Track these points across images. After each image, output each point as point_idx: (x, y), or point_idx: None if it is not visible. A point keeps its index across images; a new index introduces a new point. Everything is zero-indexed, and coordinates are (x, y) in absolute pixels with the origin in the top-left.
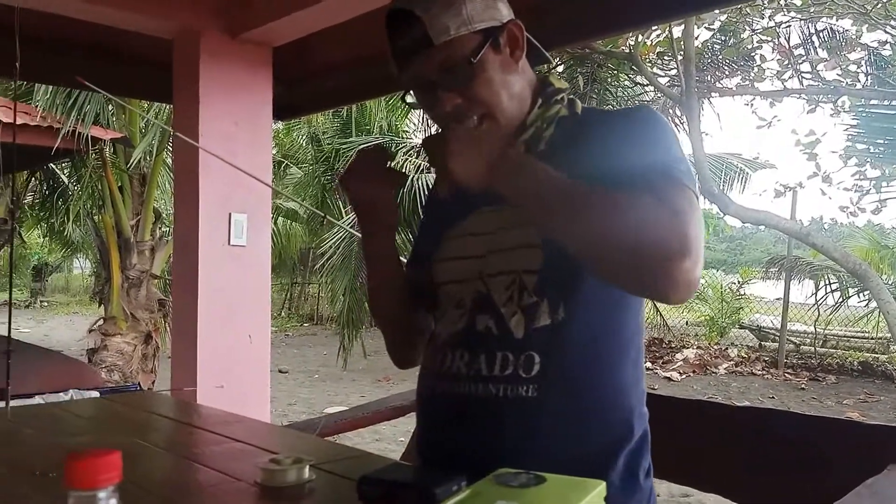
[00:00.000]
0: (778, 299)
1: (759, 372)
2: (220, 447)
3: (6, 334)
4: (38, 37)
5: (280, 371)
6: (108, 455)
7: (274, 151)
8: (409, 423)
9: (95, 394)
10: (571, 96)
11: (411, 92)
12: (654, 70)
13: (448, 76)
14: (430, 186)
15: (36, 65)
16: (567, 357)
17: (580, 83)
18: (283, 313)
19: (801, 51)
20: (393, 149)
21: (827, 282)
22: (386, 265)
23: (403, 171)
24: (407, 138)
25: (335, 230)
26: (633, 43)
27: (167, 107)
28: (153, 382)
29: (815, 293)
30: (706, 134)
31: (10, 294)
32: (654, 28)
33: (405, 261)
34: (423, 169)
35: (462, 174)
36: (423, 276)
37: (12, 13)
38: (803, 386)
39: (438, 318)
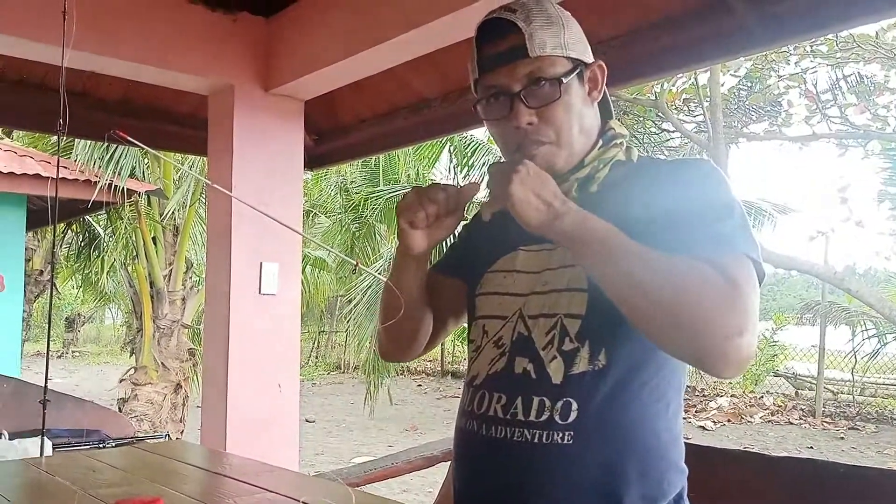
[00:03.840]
0: (813, 346)
1: (796, 421)
2: (252, 497)
3: (42, 384)
4: (79, 94)
5: (307, 421)
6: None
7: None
8: (437, 474)
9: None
10: (629, 144)
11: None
12: (680, 116)
13: (533, 90)
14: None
15: (77, 121)
16: (605, 406)
17: None
18: (310, 362)
19: (828, 95)
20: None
21: (864, 328)
22: (412, 281)
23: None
24: None
25: (362, 277)
26: (658, 90)
27: (200, 159)
28: (182, 432)
29: (852, 339)
30: (733, 179)
31: (49, 344)
32: (679, 75)
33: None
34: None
35: (518, 211)
36: (443, 290)
37: (55, 72)
38: (842, 435)
39: (474, 354)
